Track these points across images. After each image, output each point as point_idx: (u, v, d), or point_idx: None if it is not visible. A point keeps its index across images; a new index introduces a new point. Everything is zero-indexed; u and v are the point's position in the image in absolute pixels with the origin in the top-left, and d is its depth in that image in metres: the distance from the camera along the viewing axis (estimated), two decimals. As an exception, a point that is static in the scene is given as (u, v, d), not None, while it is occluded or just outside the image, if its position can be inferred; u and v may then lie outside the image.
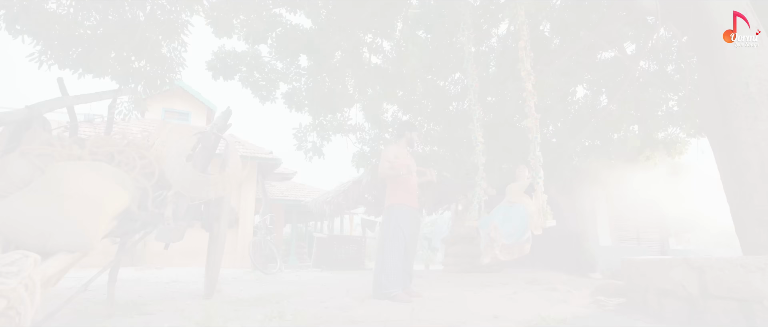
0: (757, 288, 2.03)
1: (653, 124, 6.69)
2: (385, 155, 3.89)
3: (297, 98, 5.91)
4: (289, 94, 5.89)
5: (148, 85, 3.64)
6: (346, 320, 2.52)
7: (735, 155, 2.96)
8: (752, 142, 2.89)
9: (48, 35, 3.16)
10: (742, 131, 2.95)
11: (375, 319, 2.56)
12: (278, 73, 5.80)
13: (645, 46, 5.58)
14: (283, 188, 16.42)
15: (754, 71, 3.03)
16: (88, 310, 2.79)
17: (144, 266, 8.78)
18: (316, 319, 2.53)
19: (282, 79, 5.85)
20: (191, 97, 13.79)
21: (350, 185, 10.57)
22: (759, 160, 2.84)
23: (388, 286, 3.53)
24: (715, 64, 3.20)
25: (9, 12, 3.00)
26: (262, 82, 5.65)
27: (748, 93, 2.99)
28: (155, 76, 3.66)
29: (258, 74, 5.64)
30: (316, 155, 5.96)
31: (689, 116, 6.32)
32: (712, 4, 3.30)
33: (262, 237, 8.19)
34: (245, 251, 10.66)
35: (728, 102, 3.06)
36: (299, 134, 5.90)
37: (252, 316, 2.61)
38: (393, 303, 3.37)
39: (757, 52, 3.09)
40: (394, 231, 3.71)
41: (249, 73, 5.58)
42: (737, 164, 2.94)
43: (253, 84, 5.60)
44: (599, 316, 2.74)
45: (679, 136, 6.80)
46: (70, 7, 3.41)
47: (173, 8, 3.59)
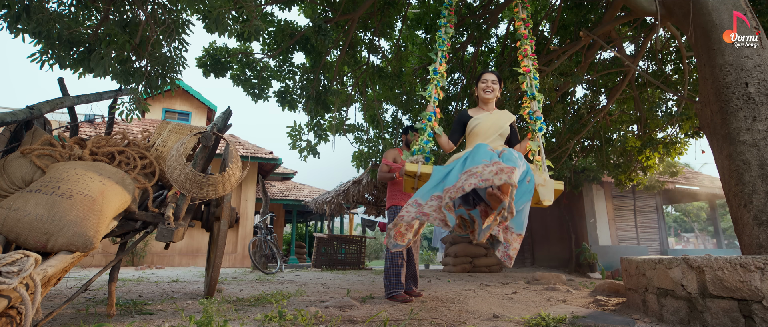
0: (757, 288, 2.04)
1: (653, 124, 6.70)
2: (384, 158, 3.94)
3: (290, 97, 5.87)
4: (282, 93, 5.85)
5: (149, 85, 3.64)
6: (346, 320, 2.53)
7: (734, 155, 2.97)
8: (751, 142, 2.90)
9: (49, 35, 3.16)
10: (742, 131, 2.96)
11: (375, 319, 2.56)
12: (270, 71, 5.76)
13: (645, 46, 5.58)
14: (283, 188, 16.45)
15: (754, 71, 3.04)
16: (89, 310, 2.79)
17: (144, 266, 8.79)
18: (316, 319, 2.54)
19: (274, 77, 5.81)
20: (192, 97, 13.81)
21: (350, 185, 10.59)
22: (758, 160, 2.85)
23: (390, 288, 3.59)
24: (714, 64, 3.21)
25: (11, 12, 3.01)
26: (254, 80, 5.59)
27: (748, 93, 2.99)
28: (156, 76, 3.66)
29: (250, 72, 5.58)
30: (311, 154, 5.92)
31: (689, 116, 6.34)
32: (712, 4, 3.31)
33: (262, 237, 8.20)
34: (245, 251, 10.69)
35: (727, 102, 3.07)
36: (293, 133, 5.85)
37: (252, 316, 2.62)
38: (393, 303, 3.40)
39: (757, 52, 3.10)
40: None
41: (240, 71, 5.53)
42: (737, 164, 2.95)
43: (244, 82, 5.55)
44: (599, 316, 2.74)
45: (679, 136, 6.82)
46: (71, 7, 3.42)
47: (174, 7, 3.59)
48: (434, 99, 3.02)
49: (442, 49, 3.28)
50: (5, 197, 2.10)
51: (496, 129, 2.81)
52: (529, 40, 3.24)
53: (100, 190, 2.12)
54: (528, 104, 3.05)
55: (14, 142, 2.63)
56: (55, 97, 2.98)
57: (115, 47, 3.25)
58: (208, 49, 5.29)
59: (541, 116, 2.93)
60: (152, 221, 2.68)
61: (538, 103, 3.00)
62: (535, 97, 3.02)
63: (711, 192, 12.06)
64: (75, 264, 1.99)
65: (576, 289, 4.71)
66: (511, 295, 4.04)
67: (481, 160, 2.14)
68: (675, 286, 2.44)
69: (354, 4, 5.18)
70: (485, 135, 2.80)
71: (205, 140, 2.89)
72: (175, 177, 2.59)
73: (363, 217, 17.34)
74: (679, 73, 6.07)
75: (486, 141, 2.75)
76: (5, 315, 1.47)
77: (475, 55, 6.43)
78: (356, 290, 4.44)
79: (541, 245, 10.93)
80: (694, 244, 19.23)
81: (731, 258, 2.18)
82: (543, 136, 3.01)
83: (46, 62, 3.26)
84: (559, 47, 5.82)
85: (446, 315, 2.80)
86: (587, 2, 5.75)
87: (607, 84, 6.68)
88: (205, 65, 5.24)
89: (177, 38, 3.59)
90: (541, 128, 2.89)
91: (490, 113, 2.92)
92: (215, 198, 3.09)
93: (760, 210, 2.76)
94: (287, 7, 5.15)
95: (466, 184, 1.98)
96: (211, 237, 3.73)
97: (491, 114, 2.91)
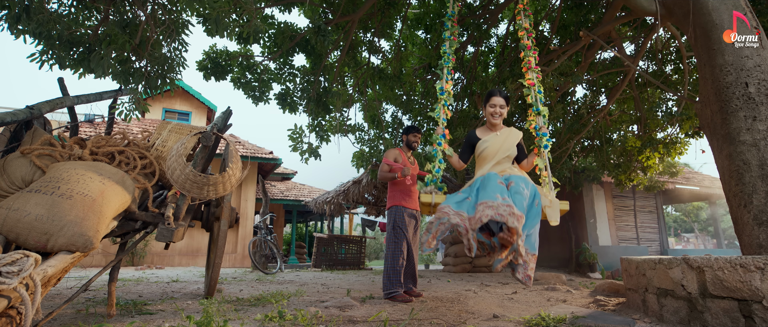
0: (757, 288, 2.04)
1: (653, 124, 6.70)
2: (385, 158, 3.94)
3: (290, 99, 5.88)
4: (283, 95, 5.85)
5: (149, 86, 3.64)
6: (346, 320, 2.53)
7: (734, 155, 2.97)
8: (751, 142, 2.90)
9: (49, 35, 3.16)
10: (742, 131, 2.96)
11: (375, 319, 2.56)
12: (271, 74, 5.77)
13: (645, 46, 5.58)
14: (283, 188, 16.45)
15: (754, 71, 3.04)
16: (89, 310, 2.79)
17: (144, 266, 8.79)
18: (316, 319, 2.54)
19: (275, 80, 5.81)
20: (192, 97, 13.82)
21: (350, 185, 10.59)
22: (758, 160, 2.85)
23: (390, 288, 3.59)
24: (714, 64, 3.21)
25: (11, 13, 3.01)
26: (255, 83, 5.59)
27: (748, 93, 2.99)
28: (155, 76, 3.66)
29: (250, 75, 5.58)
30: (313, 156, 5.91)
31: (689, 116, 6.34)
32: (712, 4, 3.31)
33: (262, 237, 8.20)
34: (245, 251, 10.69)
35: (727, 102, 3.07)
36: (294, 135, 5.85)
37: (252, 316, 2.62)
38: (393, 303, 3.40)
39: (757, 52, 3.10)
40: (395, 233, 3.76)
41: (241, 74, 5.53)
42: (737, 164, 2.95)
43: (244, 85, 5.55)
44: (599, 316, 2.74)
45: (679, 136, 6.82)
46: (71, 8, 3.42)
47: (174, 8, 3.59)
48: (443, 120, 3.09)
49: (447, 65, 3.28)
50: (5, 197, 2.10)
51: (503, 152, 2.90)
52: (533, 50, 3.26)
53: (100, 190, 2.12)
54: (533, 119, 3.08)
55: (14, 142, 2.63)
56: (55, 97, 2.98)
57: (115, 47, 3.25)
58: (209, 53, 5.29)
59: (547, 132, 2.95)
60: (152, 221, 2.68)
61: (543, 119, 3.01)
62: (540, 112, 3.03)
63: (711, 192, 12.06)
64: (75, 264, 1.99)
65: (576, 289, 4.71)
66: (511, 295, 4.04)
67: (494, 194, 2.41)
68: (675, 286, 2.44)
69: (354, 6, 5.18)
70: (493, 157, 2.90)
71: (205, 140, 2.89)
72: (175, 177, 2.59)
73: (363, 217, 17.35)
74: (679, 73, 6.07)
75: (494, 162, 2.88)
76: (5, 315, 1.47)
77: (475, 55, 6.43)
78: (356, 290, 4.44)
79: (541, 245, 10.91)
80: (694, 244, 19.24)
81: (731, 258, 2.18)
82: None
83: (46, 62, 3.26)
84: (559, 47, 5.82)
85: (446, 315, 2.80)
86: (587, 2, 5.75)
87: (607, 84, 6.68)
88: (205, 68, 5.24)
89: (177, 39, 3.59)
90: (547, 145, 2.91)
91: (497, 135, 2.99)
92: (215, 198, 3.09)
93: (760, 210, 2.76)
94: (287, 9, 5.16)
95: (483, 215, 2.31)
96: (211, 237, 3.74)
97: (498, 135, 2.98)
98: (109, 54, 3.20)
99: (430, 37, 6.31)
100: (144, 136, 3.42)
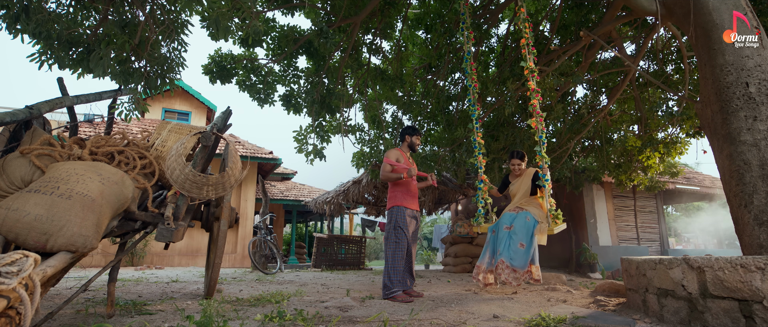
0: (758, 288, 2.03)
1: (654, 124, 6.69)
2: (387, 158, 3.94)
3: (295, 101, 5.91)
4: (287, 97, 5.88)
5: (148, 86, 3.63)
6: (346, 320, 2.52)
7: (735, 155, 2.96)
8: (752, 142, 2.90)
9: (48, 35, 3.16)
10: (742, 131, 2.95)
11: (375, 319, 2.56)
12: (275, 76, 5.79)
13: (645, 45, 5.58)
14: (283, 188, 16.45)
15: (754, 71, 3.03)
16: (88, 310, 2.79)
17: (144, 266, 8.79)
18: (316, 319, 2.53)
19: (279, 82, 5.84)
20: (191, 97, 13.81)
21: (350, 185, 10.58)
22: (759, 160, 2.84)
23: (390, 288, 3.59)
24: (715, 64, 3.20)
25: (10, 12, 3.00)
26: (260, 85, 5.63)
27: (748, 93, 2.99)
28: (155, 76, 3.66)
29: (255, 77, 5.61)
30: (318, 157, 5.95)
31: (689, 116, 6.33)
32: (712, 4, 3.31)
33: (261, 237, 8.19)
34: (245, 251, 10.68)
35: (728, 102, 3.07)
36: (299, 137, 5.88)
37: (252, 316, 2.61)
38: (393, 303, 3.40)
39: (757, 52, 3.10)
40: (396, 233, 3.76)
41: (246, 77, 5.56)
42: (737, 164, 2.94)
43: (249, 87, 5.58)
44: (599, 316, 2.74)
45: (680, 136, 6.81)
46: (69, 7, 3.41)
47: (173, 8, 3.59)
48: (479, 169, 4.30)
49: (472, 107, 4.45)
50: (5, 197, 2.10)
51: (523, 191, 4.34)
52: (536, 92, 3.86)
53: (99, 190, 2.12)
54: (538, 160, 3.83)
55: (13, 142, 2.62)
56: (55, 97, 2.98)
57: (114, 47, 3.24)
58: (214, 57, 5.33)
59: (546, 173, 3.76)
60: (152, 221, 2.67)
61: (545, 161, 3.75)
62: (543, 156, 3.78)
63: (711, 192, 12.05)
64: (74, 264, 1.99)
65: (576, 290, 4.71)
66: (511, 296, 4.03)
67: (503, 225, 4.16)
68: (675, 287, 2.43)
69: (356, 8, 5.18)
70: (516, 194, 4.38)
71: (205, 140, 2.89)
72: (175, 177, 2.59)
73: (363, 217, 17.36)
74: (679, 73, 6.07)
75: (518, 196, 4.34)
76: (5, 315, 1.47)
77: (475, 55, 6.42)
78: (356, 290, 4.44)
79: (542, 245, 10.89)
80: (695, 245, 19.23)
81: (732, 258, 2.18)
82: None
83: (45, 62, 3.25)
84: (559, 47, 5.81)
85: (446, 315, 2.79)
86: (587, 2, 5.75)
87: (608, 84, 6.67)
88: (211, 72, 5.29)
89: (176, 39, 3.59)
90: (544, 186, 3.79)
91: (520, 178, 4.44)
92: (215, 198, 3.09)
93: (761, 210, 2.75)
94: (289, 13, 5.17)
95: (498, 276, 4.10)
96: (210, 237, 3.73)
97: (520, 179, 4.43)
98: (108, 54, 3.20)
99: (430, 37, 6.30)
100: (143, 136, 3.42)
